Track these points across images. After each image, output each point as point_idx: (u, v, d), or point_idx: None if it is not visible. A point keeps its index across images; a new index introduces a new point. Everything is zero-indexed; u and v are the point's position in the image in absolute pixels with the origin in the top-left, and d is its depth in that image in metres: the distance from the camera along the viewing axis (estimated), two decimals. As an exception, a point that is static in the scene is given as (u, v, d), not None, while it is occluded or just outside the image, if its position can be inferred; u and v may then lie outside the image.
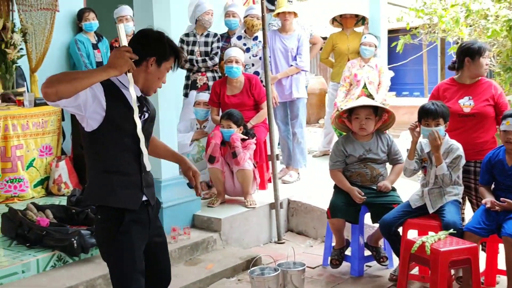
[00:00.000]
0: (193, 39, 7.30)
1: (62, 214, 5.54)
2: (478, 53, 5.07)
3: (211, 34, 7.37)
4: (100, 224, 3.31)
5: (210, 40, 7.30)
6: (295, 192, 6.80)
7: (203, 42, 7.31)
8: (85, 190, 3.48)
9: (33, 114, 6.72)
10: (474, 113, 5.08)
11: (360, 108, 5.33)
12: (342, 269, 5.46)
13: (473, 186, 5.13)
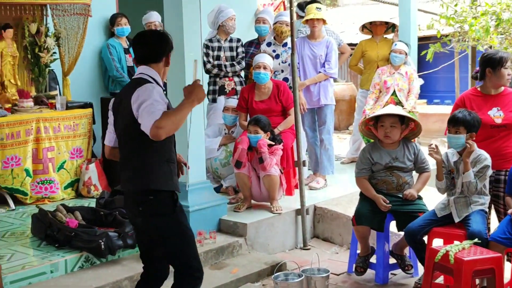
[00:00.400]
0: (218, 45, 7.37)
1: (90, 216, 5.64)
2: (500, 64, 5.05)
3: (234, 39, 7.46)
4: (154, 206, 3.69)
5: (234, 45, 7.38)
6: (322, 198, 6.81)
7: (228, 47, 7.38)
8: (138, 177, 3.69)
9: (65, 117, 6.85)
10: (506, 124, 5.06)
11: (385, 116, 5.34)
12: (367, 276, 5.46)
13: (502, 195, 5.10)
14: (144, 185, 3.69)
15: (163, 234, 3.74)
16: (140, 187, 3.70)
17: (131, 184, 3.76)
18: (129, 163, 3.76)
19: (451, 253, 4.22)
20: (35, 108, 6.84)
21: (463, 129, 4.85)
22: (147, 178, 3.69)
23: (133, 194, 3.76)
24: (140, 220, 3.78)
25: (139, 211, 3.73)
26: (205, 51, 7.29)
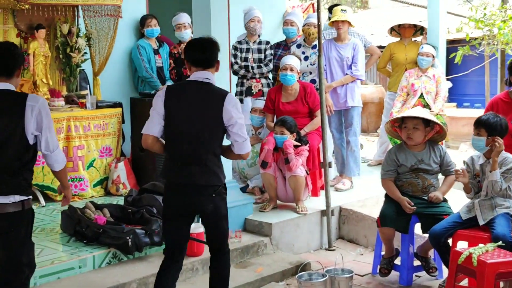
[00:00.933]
0: (246, 46, 7.44)
1: (118, 213, 5.74)
2: None
3: (263, 41, 7.52)
4: (224, 197, 4.26)
5: (263, 47, 7.44)
6: (348, 200, 6.84)
7: (256, 49, 7.45)
8: (215, 173, 4.20)
9: (95, 116, 6.98)
10: None
11: (408, 118, 5.36)
12: (391, 278, 5.48)
13: None
14: (219, 180, 4.21)
15: (225, 214, 4.30)
16: (216, 181, 4.19)
17: (206, 178, 4.16)
18: (202, 159, 4.14)
19: (474, 255, 4.23)
20: (66, 107, 6.98)
21: (483, 131, 4.86)
22: (222, 174, 4.24)
23: (205, 186, 4.16)
24: (212, 206, 4.18)
25: (212, 198, 4.17)
26: (234, 52, 7.39)
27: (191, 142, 4.13)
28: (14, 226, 3.78)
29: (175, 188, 4.22)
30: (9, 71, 3.85)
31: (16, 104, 3.76)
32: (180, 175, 4.17)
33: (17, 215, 3.79)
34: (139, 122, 7.23)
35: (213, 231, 4.34)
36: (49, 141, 3.83)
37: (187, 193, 4.17)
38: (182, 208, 4.23)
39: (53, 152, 3.87)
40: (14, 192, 3.76)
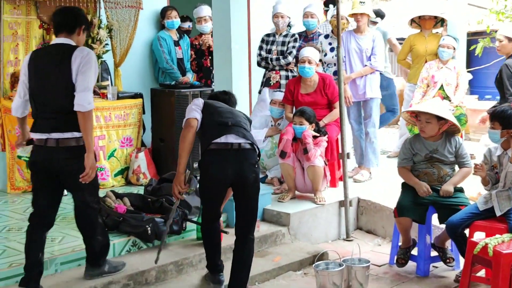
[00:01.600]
0: (272, 39, 7.50)
1: (138, 202, 5.82)
2: None
3: (290, 34, 7.54)
4: (259, 165, 4.71)
5: (287, 40, 7.46)
6: (366, 191, 6.87)
7: (280, 42, 7.48)
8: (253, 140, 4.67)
9: (116, 107, 7.06)
10: None
11: (422, 111, 5.37)
12: (408, 268, 5.50)
13: None
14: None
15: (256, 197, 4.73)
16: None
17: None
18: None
19: (490, 246, 4.25)
20: (88, 98, 7.04)
21: (498, 124, 4.87)
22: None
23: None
24: (254, 176, 4.58)
25: (255, 168, 4.61)
26: (260, 44, 7.48)
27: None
28: (77, 158, 4.31)
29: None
30: (70, 28, 4.46)
31: (67, 54, 4.31)
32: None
33: (77, 149, 4.34)
34: (160, 113, 7.34)
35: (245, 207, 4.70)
36: (79, 83, 4.27)
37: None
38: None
39: (79, 92, 4.26)
40: (72, 129, 4.32)
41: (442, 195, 5.29)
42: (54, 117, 4.33)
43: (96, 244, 4.66)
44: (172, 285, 4.96)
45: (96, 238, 4.65)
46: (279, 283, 5.16)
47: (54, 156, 4.35)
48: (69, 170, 4.38)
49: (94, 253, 4.70)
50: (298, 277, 5.40)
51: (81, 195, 4.51)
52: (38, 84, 4.38)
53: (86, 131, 4.29)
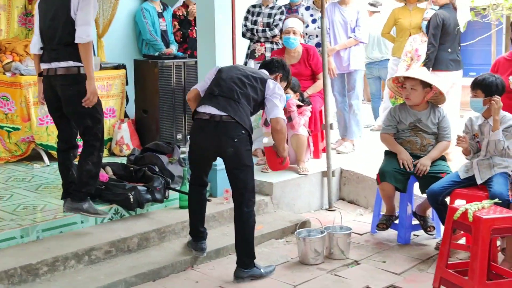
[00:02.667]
0: (258, 10, 7.46)
1: (121, 171, 5.81)
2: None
3: (276, 6, 7.51)
4: (247, 139, 4.59)
5: (274, 12, 7.43)
6: (349, 162, 6.90)
7: (267, 14, 7.45)
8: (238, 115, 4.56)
9: (98, 77, 6.95)
10: None
11: (408, 78, 5.39)
12: (390, 236, 5.54)
13: None
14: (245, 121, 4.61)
15: (245, 163, 4.64)
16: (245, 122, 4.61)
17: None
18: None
19: (470, 211, 4.26)
20: (70, 68, 7.00)
21: (480, 92, 4.89)
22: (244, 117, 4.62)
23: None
24: (231, 150, 4.54)
25: (234, 142, 4.53)
26: (246, 15, 7.43)
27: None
28: (72, 85, 4.79)
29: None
30: None
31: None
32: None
33: (72, 76, 4.80)
34: (143, 84, 7.32)
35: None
36: (79, 18, 4.68)
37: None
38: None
39: (79, 26, 4.68)
40: (68, 59, 4.76)
41: (418, 172, 5.30)
42: (55, 49, 4.79)
43: (86, 170, 4.91)
44: (154, 252, 4.97)
45: (88, 162, 4.91)
46: (261, 251, 5.17)
47: (53, 83, 4.84)
48: (66, 96, 4.82)
49: (81, 182, 4.92)
50: (280, 245, 5.43)
51: (83, 122, 4.87)
52: (45, 21, 4.83)
53: (86, 60, 4.75)
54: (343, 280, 4.71)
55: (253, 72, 4.79)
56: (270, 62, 5.04)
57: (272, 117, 4.70)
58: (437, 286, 4.45)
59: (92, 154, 4.92)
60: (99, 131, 4.94)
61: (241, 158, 4.57)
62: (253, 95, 4.66)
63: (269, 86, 4.71)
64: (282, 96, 4.76)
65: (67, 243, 4.73)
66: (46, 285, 4.34)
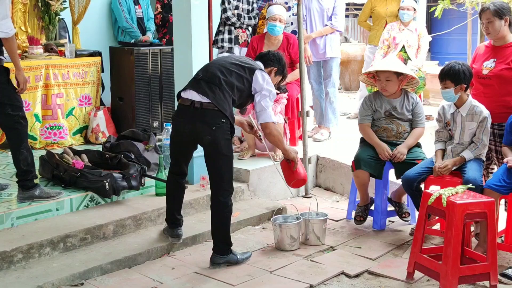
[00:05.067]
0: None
1: (96, 159, 5.78)
2: (479, 16, 5.14)
3: None
4: (226, 128, 4.51)
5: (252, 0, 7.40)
6: (325, 149, 6.92)
7: (246, 0, 7.40)
8: (217, 101, 4.50)
9: (74, 65, 6.98)
10: (490, 75, 5.11)
11: (381, 71, 5.41)
12: (365, 223, 5.57)
13: (494, 148, 5.18)
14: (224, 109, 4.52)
15: (223, 153, 4.57)
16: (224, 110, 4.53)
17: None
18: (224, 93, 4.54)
19: (444, 196, 4.30)
20: (45, 55, 6.96)
21: (449, 82, 4.91)
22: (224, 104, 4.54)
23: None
24: (208, 138, 4.50)
25: (211, 130, 4.48)
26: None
27: None
28: None
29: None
30: None
31: None
32: None
33: None
34: (119, 72, 7.28)
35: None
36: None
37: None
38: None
39: (0, 21, 4.68)
40: None
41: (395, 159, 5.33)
42: None
43: (22, 158, 4.96)
44: (130, 239, 4.95)
45: (22, 151, 4.95)
46: (237, 237, 5.19)
47: None
48: None
49: (22, 171, 4.98)
50: (257, 231, 5.44)
51: (3, 111, 4.89)
52: None
53: (13, 53, 4.84)
54: (319, 265, 4.74)
55: (243, 62, 4.71)
56: (266, 54, 4.97)
57: (261, 122, 4.70)
58: (412, 270, 4.49)
59: (22, 141, 4.97)
60: (21, 117, 4.97)
61: (219, 147, 4.52)
62: (237, 84, 4.60)
63: (257, 78, 4.65)
64: (271, 92, 4.71)
65: (42, 230, 4.70)
66: (21, 272, 4.31)
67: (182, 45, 5.83)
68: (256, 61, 4.88)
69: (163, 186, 5.37)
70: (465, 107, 4.98)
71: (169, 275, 4.53)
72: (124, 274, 4.52)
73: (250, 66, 4.68)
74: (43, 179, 5.61)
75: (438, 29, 13.47)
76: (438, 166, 4.99)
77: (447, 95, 4.98)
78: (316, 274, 4.57)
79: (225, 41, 7.42)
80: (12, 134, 5.01)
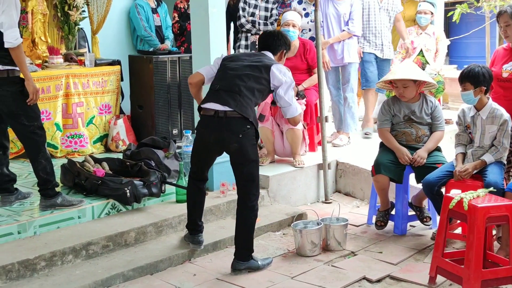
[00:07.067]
0: (255, 3, 7.48)
1: (117, 166, 5.82)
2: (497, 19, 5.12)
3: (271, 0, 7.52)
4: (252, 133, 4.57)
5: (270, 6, 7.47)
6: (345, 155, 6.91)
7: (263, 7, 7.47)
8: (240, 108, 4.53)
9: (93, 74, 7.03)
10: (510, 78, 5.11)
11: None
12: (386, 228, 5.54)
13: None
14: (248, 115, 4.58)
15: (250, 158, 4.62)
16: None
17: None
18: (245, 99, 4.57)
19: (465, 200, 4.28)
20: (65, 65, 7.02)
21: (469, 84, 4.90)
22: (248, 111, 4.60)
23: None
24: (236, 146, 4.53)
25: (238, 138, 4.52)
26: (242, 6, 7.43)
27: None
28: (1, 86, 4.82)
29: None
30: None
31: None
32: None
33: (2, 79, 4.81)
34: (138, 80, 7.33)
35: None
36: (4, 22, 4.67)
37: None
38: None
39: (6, 31, 4.68)
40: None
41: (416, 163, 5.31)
42: None
43: (41, 168, 4.98)
44: (152, 246, 4.98)
45: (40, 161, 4.97)
46: (258, 243, 5.18)
47: None
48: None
49: (42, 180, 5.02)
50: (277, 237, 5.44)
51: (19, 121, 4.91)
52: None
53: (20, 63, 4.78)
54: (340, 271, 4.73)
55: (255, 61, 4.70)
56: (270, 38, 4.90)
57: (289, 117, 4.86)
58: (434, 275, 4.48)
59: (39, 151, 4.99)
60: (37, 127, 4.98)
61: (246, 153, 4.56)
62: (257, 86, 4.62)
63: (275, 74, 4.65)
64: (291, 81, 4.76)
65: (64, 238, 4.74)
66: (44, 280, 4.35)
67: (200, 53, 5.85)
68: (264, 52, 4.85)
69: (183, 193, 5.39)
70: (485, 110, 4.96)
71: (191, 281, 4.54)
72: (146, 281, 4.54)
73: (263, 63, 4.69)
74: (64, 187, 5.64)
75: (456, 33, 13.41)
76: (458, 170, 4.97)
77: (466, 97, 4.97)
78: (338, 279, 4.57)
79: (241, 47, 7.47)
80: (28, 144, 5.03)
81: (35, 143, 4.98)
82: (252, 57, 4.78)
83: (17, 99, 4.87)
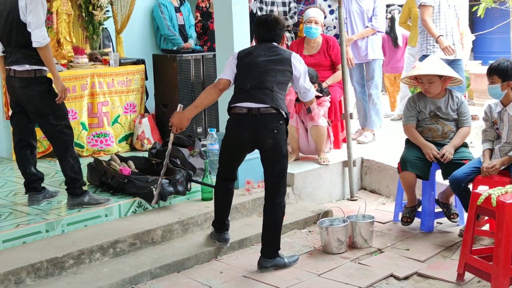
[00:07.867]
0: (271, 0, 7.46)
1: (143, 165, 5.85)
2: None
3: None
4: (284, 129, 4.60)
5: (287, 1, 7.44)
6: (370, 152, 6.88)
7: (281, 3, 7.47)
8: (275, 103, 4.55)
9: (118, 73, 7.07)
10: None
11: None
12: (413, 224, 5.51)
13: None
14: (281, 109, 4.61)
15: (282, 154, 4.64)
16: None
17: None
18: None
19: (493, 196, 4.24)
20: (90, 64, 7.07)
21: (496, 78, 4.87)
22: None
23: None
24: (271, 142, 4.55)
25: (273, 134, 4.54)
26: (259, 5, 7.43)
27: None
28: (28, 87, 4.91)
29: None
30: None
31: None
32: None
33: (28, 79, 4.90)
34: (162, 79, 7.36)
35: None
36: (31, 21, 4.75)
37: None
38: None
39: (33, 30, 4.75)
40: (23, 63, 4.87)
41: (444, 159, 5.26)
42: (13, 52, 4.92)
43: (68, 167, 5.04)
44: (178, 244, 5.00)
45: (68, 160, 5.03)
46: (284, 241, 5.17)
47: (13, 84, 5.00)
48: (26, 97, 4.94)
49: (70, 178, 5.07)
50: (303, 235, 5.44)
51: (47, 121, 4.98)
52: (1, 24, 4.93)
53: (48, 62, 4.85)
54: (367, 268, 4.71)
55: (273, 55, 4.65)
56: (269, 25, 4.74)
57: (308, 100, 5.08)
58: (462, 272, 4.44)
59: (67, 150, 5.04)
60: (65, 127, 5.04)
61: (280, 149, 4.58)
62: (284, 79, 4.65)
63: (295, 65, 4.69)
64: (305, 66, 4.82)
65: (92, 236, 4.78)
66: (72, 278, 4.39)
67: (224, 51, 5.86)
68: (273, 45, 4.75)
69: (209, 191, 5.41)
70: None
71: (218, 279, 4.55)
72: (173, 279, 4.56)
73: (282, 56, 4.68)
74: (91, 186, 5.68)
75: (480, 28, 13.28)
76: (486, 167, 4.93)
77: (493, 91, 4.93)
78: (365, 276, 4.55)
79: None
80: (56, 143, 5.09)
81: (63, 142, 5.03)
82: (267, 51, 4.69)
83: (45, 99, 4.94)
